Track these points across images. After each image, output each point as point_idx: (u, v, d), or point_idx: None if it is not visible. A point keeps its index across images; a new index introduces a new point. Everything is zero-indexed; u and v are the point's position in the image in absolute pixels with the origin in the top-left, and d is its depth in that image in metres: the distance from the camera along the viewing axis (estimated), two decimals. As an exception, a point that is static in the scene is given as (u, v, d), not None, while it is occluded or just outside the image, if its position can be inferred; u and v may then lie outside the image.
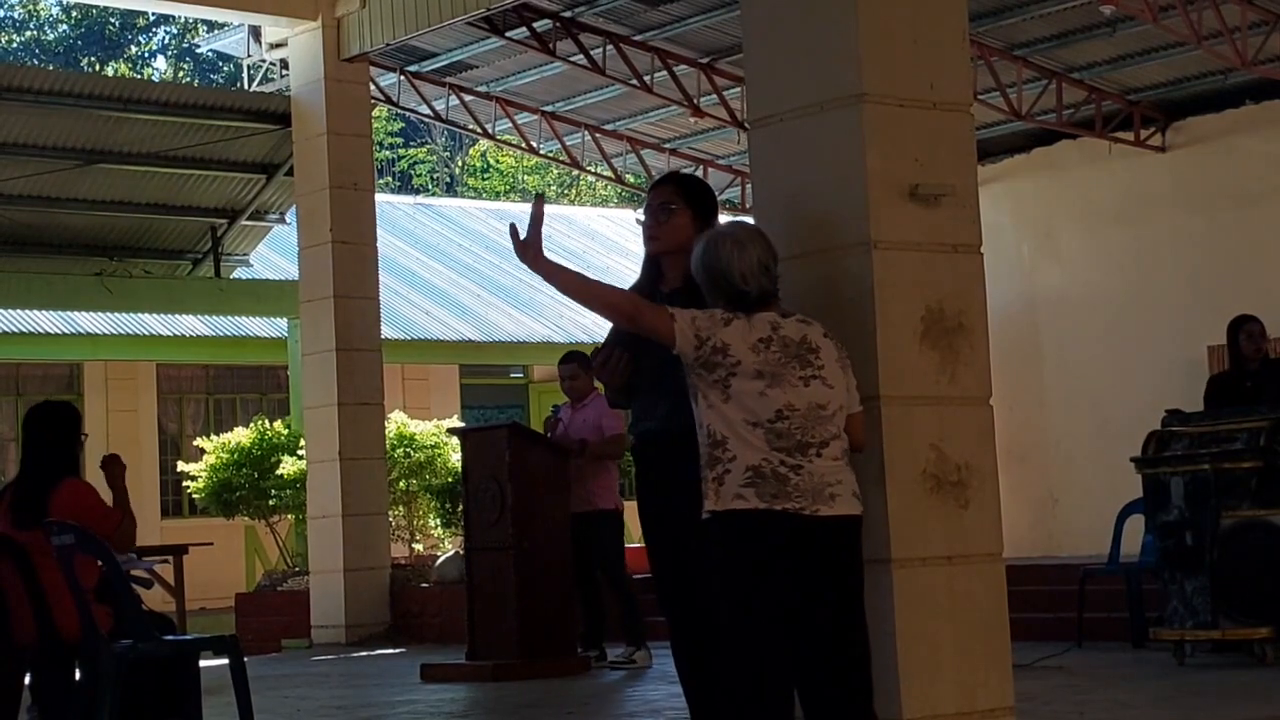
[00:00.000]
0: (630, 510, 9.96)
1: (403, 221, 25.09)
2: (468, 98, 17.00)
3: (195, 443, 17.66)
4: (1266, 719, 7.59)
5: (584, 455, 11.05)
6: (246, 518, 16.92)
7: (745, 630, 4.80)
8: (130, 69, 38.33)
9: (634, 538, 11.64)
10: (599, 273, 24.57)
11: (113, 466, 7.35)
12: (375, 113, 17.74)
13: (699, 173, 18.60)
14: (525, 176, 39.00)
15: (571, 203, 35.51)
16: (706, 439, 4.88)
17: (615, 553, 11.22)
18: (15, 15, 38.76)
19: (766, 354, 4.88)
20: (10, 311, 18.82)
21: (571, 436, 11.18)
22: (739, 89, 15.50)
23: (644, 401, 5.74)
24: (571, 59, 15.67)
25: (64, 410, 7.45)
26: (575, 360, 11.50)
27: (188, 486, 16.97)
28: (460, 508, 12.61)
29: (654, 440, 5.71)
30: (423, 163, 39.79)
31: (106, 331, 19.65)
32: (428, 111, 17.35)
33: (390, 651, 13.49)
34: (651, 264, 5.87)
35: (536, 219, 5.03)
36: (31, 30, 38.82)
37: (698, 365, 4.89)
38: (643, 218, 5.84)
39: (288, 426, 16.59)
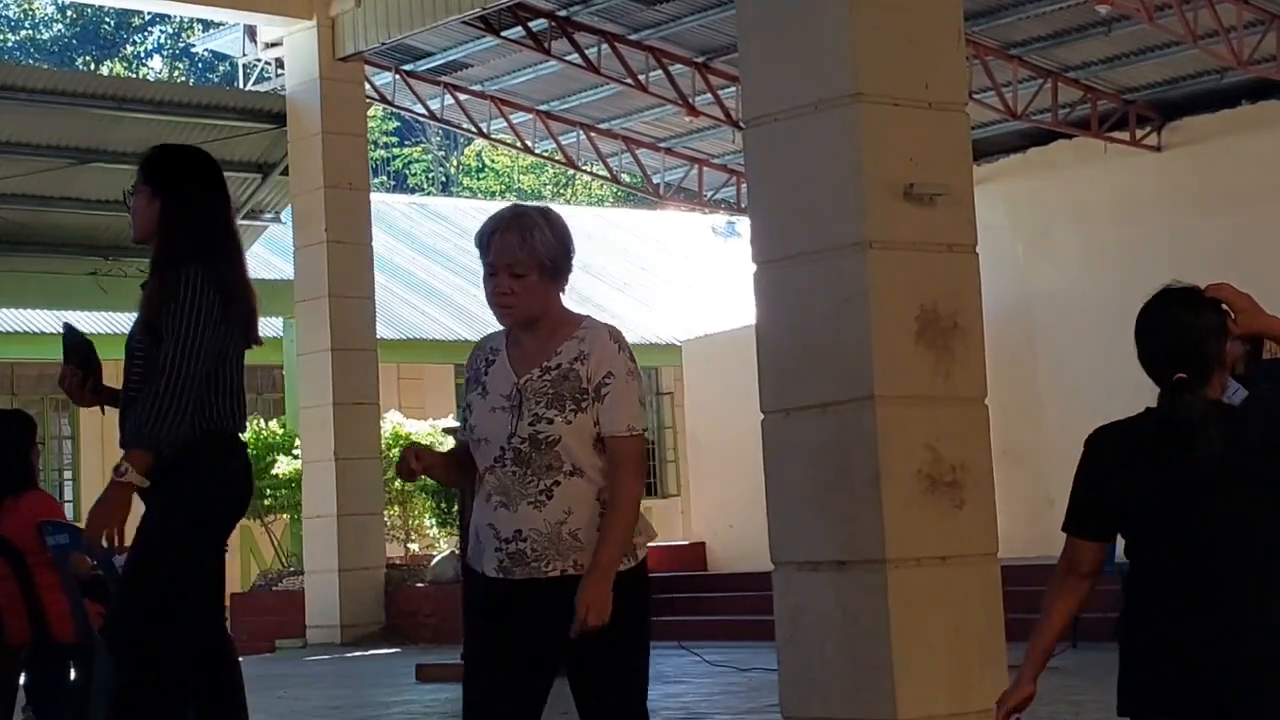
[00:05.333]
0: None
1: (398, 221, 25.07)
2: (463, 97, 16.99)
3: (190, 442, 17.64)
4: (1261, 719, 7.58)
5: None
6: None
7: None
8: (125, 68, 38.30)
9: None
10: (598, 272, 24.57)
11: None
12: (370, 112, 17.74)
13: (694, 172, 18.61)
14: (521, 176, 39.00)
15: (567, 202, 35.52)
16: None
17: None
18: (10, 14, 38.73)
19: None
20: (5, 311, 18.80)
21: None
22: (734, 88, 15.49)
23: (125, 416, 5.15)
24: (566, 58, 15.66)
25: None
26: None
27: (183, 486, 16.95)
28: (455, 507, 12.61)
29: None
30: (418, 162, 39.77)
31: (102, 331, 19.61)
32: (423, 111, 17.34)
33: (385, 651, 13.48)
34: None
35: None
36: (26, 29, 38.79)
37: None
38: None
39: (283, 426, 16.58)
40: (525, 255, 4.04)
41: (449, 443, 14.98)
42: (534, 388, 3.98)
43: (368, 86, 15.83)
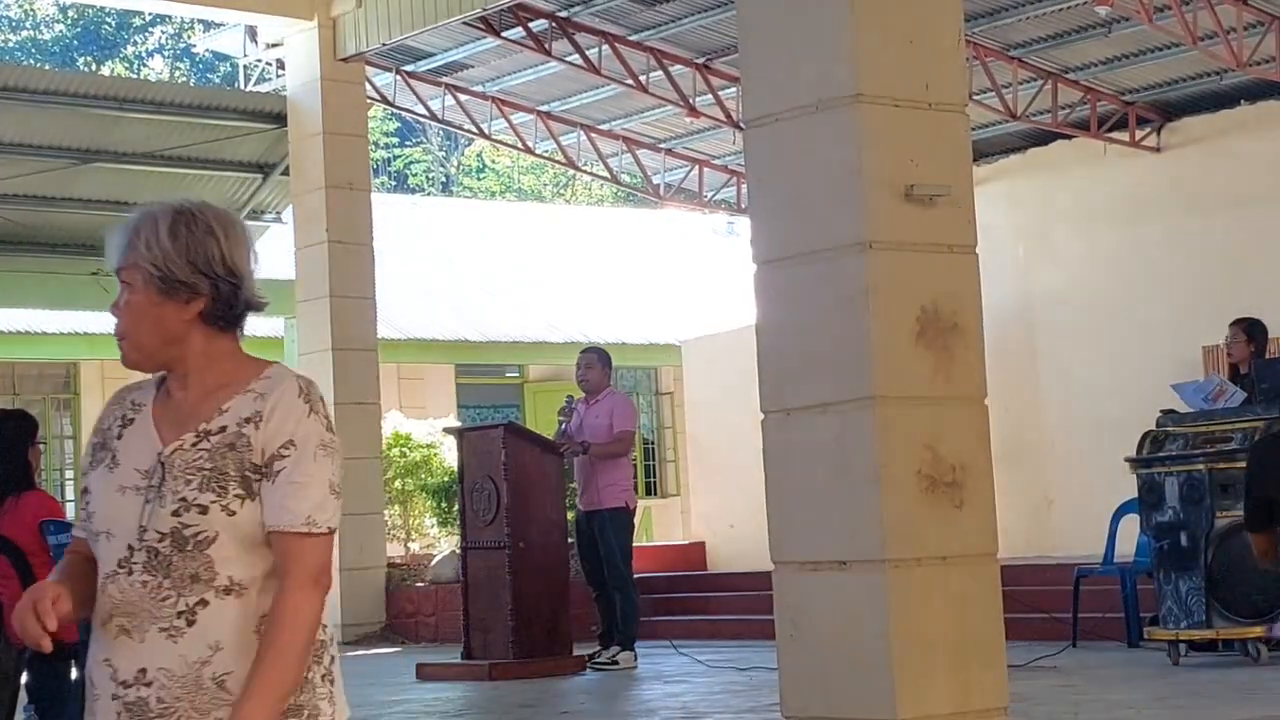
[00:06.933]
0: (642, 508, 9.88)
1: (398, 221, 25.08)
2: (464, 97, 17.00)
3: (191, 442, 17.63)
4: (1261, 718, 7.61)
5: (588, 454, 11.02)
6: (242, 517, 16.91)
7: None
8: (126, 69, 38.30)
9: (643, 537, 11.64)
10: (598, 272, 24.56)
11: None
12: (371, 112, 17.75)
13: (694, 173, 18.62)
14: (521, 176, 39.01)
15: (567, 202, 35.52)
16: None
17: (620, 550, 11.15)
18: (11, 15, 38.73)
19: None
20: (5, 311, 18.81)
21: (582, 434, 11.12)
22: (734, 89, 15.50)
23: None
24: (567, 59, 15.68)
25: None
26: (594, 353, 11.48)
27: (183, 486, 16.94)
28: (456, 507, 12.63)
29: None
30: (419, 162, 39.78)
31: (103, 331, 19.53)
32: (424, 111, 17.36)
33: (386, 651, 13.50)
34: None
35: None
36: (28, 30, 38.79)
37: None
38: None
39: (284, 426, 16.57)
40: (126, 258, 2.80)
41: (450, 443, 14.98)
42: (183, 460, 2.74)
43: (369, 87, 15.84)
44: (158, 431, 2.79)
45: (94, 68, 36.92)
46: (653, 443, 24.57)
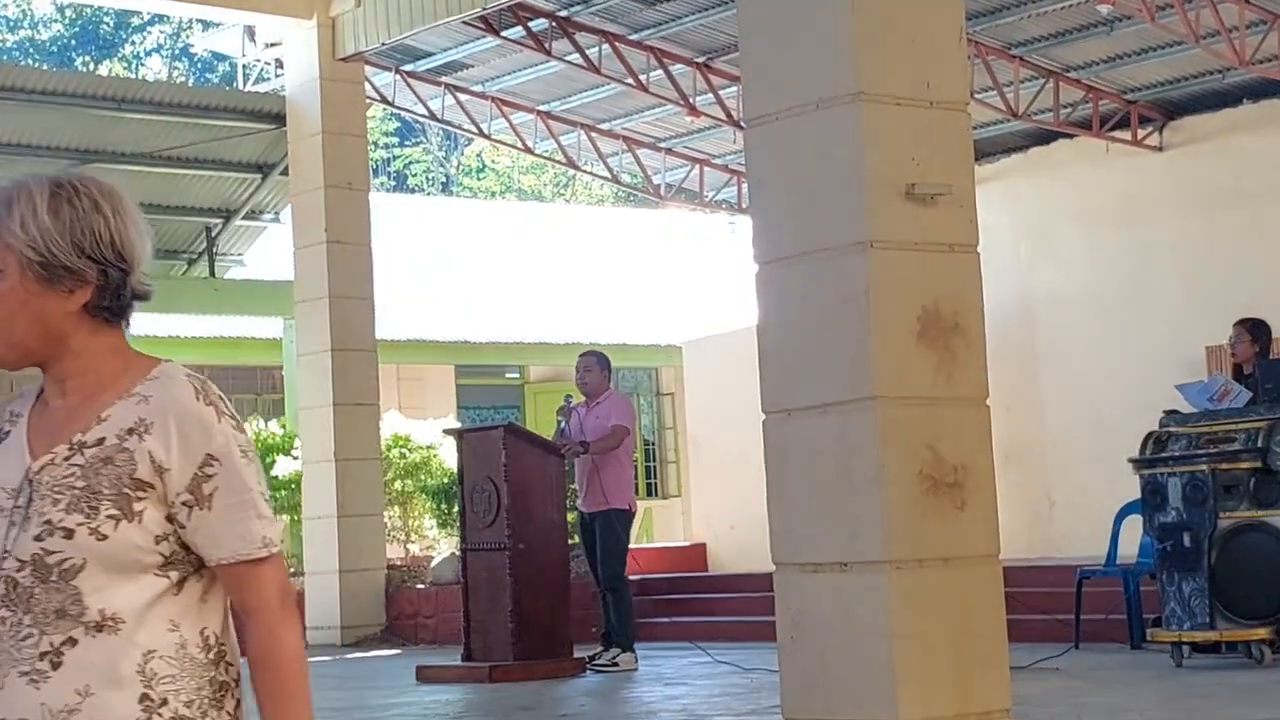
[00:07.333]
0: (642, 509, 9.82)
1: (398, 221, 25.06)
2: (463, 97, 16.97)
3: (190, 443, 17.60)
4: (1264, 721, 7.58)
5: (589, 454, 10.97)
6: (242, 518, 16.89)
7: None
8: (124, 68, 38.29)
9: (643, 538, 11.61)
10: (598, 272, 24.54)
11: None
12: (370, 112, 17.72)
13: (695, 172, 18.59)
14: (521, 176, 38.99)
15: (568, 202, 35.51)
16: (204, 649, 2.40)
17: (615, 551, 11.11)
18: (9, 14, 38.72)
19: None
20: (5, 311, 18.81)
21: (583, 437, 11.07)
22: (735, 88, 15.47)
23: None
24: (567, 58, 15.65)
25: None
26: (593, 356, 11.44)
27: (183, 487, 16.92)
28: (456, 509, 12.59)
29: None
30: (418, 162, 39.77)
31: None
32: (423, 111, 17.33)
33: (385, 653, 13.46)
34: None
35: None
36: (26, 29, 38.79)
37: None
38: None
39: (283, 427, 16.56)
40: None
41: (450, 444, 14.92)
42: (52, 478, 2.35)
43: (368, 86, 15.81)
44: (29, 445, 2.39)
45: (92, 67, 36.91)
46: (653, 443, 24.55)
